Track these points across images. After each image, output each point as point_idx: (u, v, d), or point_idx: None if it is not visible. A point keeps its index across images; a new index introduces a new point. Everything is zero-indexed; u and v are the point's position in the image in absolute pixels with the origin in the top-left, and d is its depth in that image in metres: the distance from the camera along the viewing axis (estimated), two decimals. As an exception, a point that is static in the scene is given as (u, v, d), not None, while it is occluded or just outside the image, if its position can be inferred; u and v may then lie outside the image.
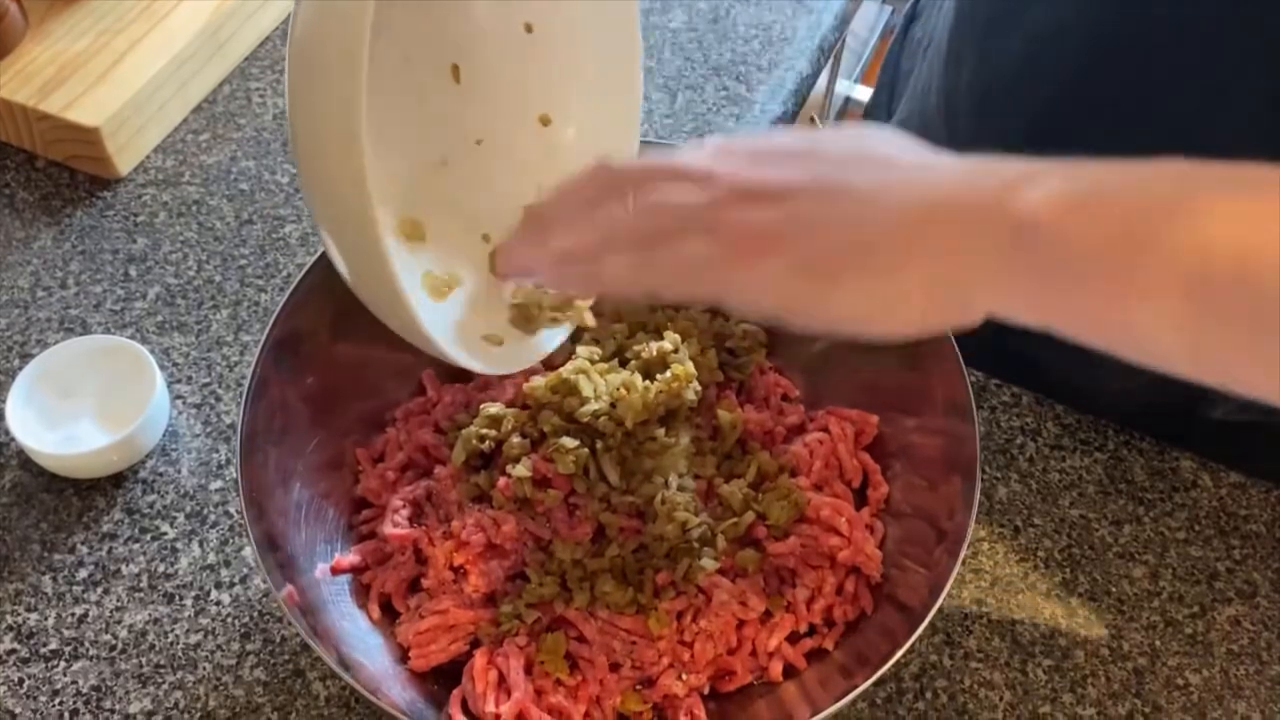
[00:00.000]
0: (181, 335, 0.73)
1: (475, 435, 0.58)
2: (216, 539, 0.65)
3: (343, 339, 0.60)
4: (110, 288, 0.75)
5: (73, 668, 0.60)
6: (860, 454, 0.61)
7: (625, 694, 0.54)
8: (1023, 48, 0.61)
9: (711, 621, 0.54)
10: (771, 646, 0.55)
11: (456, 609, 0.55)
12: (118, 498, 0.66)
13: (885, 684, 0.60)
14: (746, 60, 0.92)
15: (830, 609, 0.56)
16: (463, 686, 0.54)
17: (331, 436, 0.60)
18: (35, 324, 0.73)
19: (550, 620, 0.55)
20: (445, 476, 0.58)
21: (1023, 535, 0.66)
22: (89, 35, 0.83)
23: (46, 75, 0.80)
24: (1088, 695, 0.60)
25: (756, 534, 0.57)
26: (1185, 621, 0.63)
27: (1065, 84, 0.60)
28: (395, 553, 0.57)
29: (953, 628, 0.62)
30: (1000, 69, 0.64)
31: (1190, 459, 0.69)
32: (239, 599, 0.63)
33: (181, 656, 0.61)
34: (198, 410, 0.70)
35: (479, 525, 0.56)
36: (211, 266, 0.77)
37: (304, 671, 0.60)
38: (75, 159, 0.81)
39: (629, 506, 0.55)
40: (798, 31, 0.95)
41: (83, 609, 0.62)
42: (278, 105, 0.87)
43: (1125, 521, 0.66)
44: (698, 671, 0.54)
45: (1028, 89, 0.62)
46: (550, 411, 0.57)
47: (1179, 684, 0.61)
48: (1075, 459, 0.69)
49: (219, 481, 0.67)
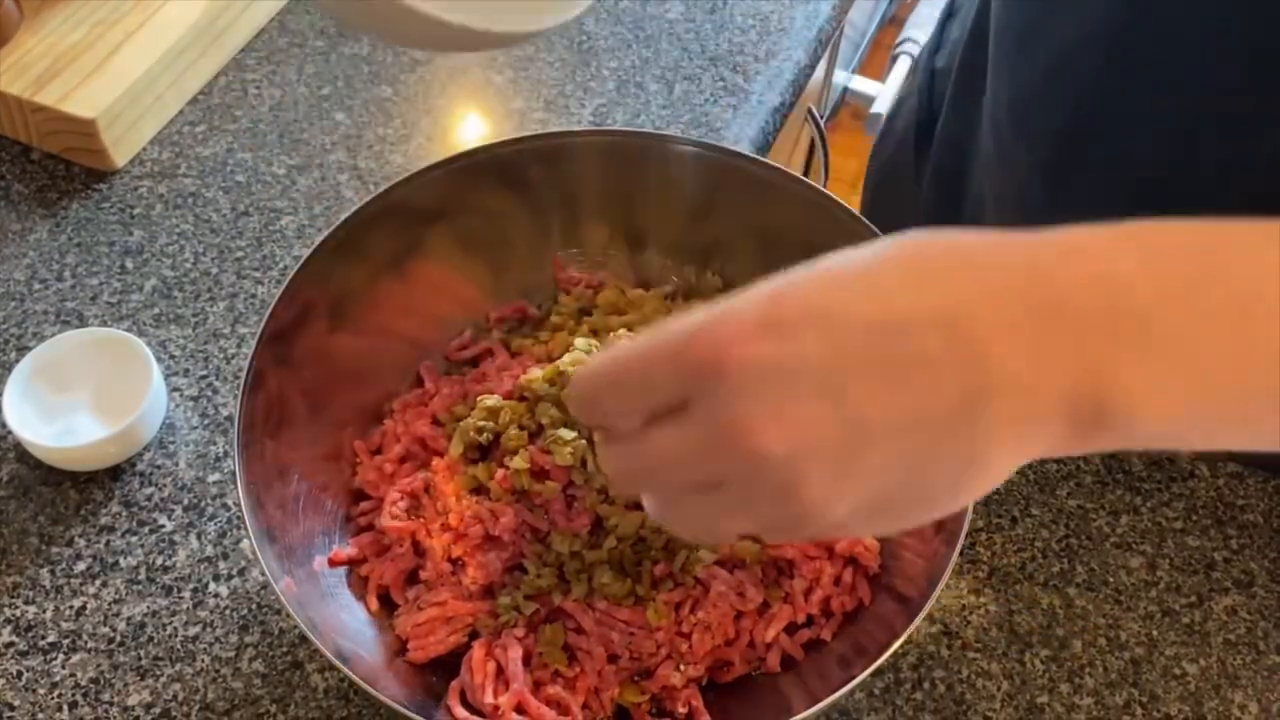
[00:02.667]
0: (178, 328, 0.73)
1: (473, 427, 0.58)
2: (214, 531, 0.65)
3: (340, 331, 0.60)
4: (107, 280, 0.75)
5: (71, 660, 0.60)
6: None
7: (623, 685, 0.54)
8: (1048, 60, 0.60)
9: (709, 613, 0.54)
10: (769, 637, 0.55)
11: (455, 601, 0.55)
12: (115, 490, 0.66)
13: (883, 674, 0.61)
14: (744, 50, 0.92)
15: (828, 600, 0.56)
16: (461, 678, 0.54)
17: (329, 428, 0.60)
18: (31, 317, 0.73)
19: (548, 612, 0.55)
20: (443, 468, 0.58)
21: (1020, 525, 0.66)
22: (84, 27, 0.82)
23: (42, 67, 0.80)
24: (1085, 685, 0.60)
25: (754, 525, 0.57)
26: (1182, 611, 0.63)
27: (1092, 92, 0.58)
28: (393, 545, 0.57)
29: (950, 618, 0.62)
30: (1030, 82, 0.63)
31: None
32: (237, 591, 0.63)
33: (180, 649, 0.61)
34: (195, 403, 0.70)
35: (477, 517, 0.56)
36: (208, 259, 0.77)
37: (302, 663, 0.60)
38: (71, 151, 0.81)
39: (627, 498, 0.55)
40: (795, 21, 0.95)
41: (81, 601, 0.62)
42: (274, 97, 0.86)
43: (1123, 512, 0.66)
44: (696, 662, 0.54)
45: (1053, 100, 0.61)
46: (548, 403, 0.57)
47: (1176, 674, 0.61)
48: (1073, 449, 0.69)
49: (217, 474, 0.67)
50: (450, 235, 0.64)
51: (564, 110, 0.87)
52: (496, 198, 0.64)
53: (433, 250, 0.64)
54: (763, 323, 0.34)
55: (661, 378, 0.36)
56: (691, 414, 0.35)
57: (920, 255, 0.35)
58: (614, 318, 0.63)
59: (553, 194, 0.66)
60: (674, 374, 0.35)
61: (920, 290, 0.34)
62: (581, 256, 0.68)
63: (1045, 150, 0.50)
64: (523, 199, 0.65)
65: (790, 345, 0.33)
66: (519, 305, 0.67)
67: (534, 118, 0.87)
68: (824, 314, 0.34)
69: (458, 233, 0.64)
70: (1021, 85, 0.64)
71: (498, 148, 0.63)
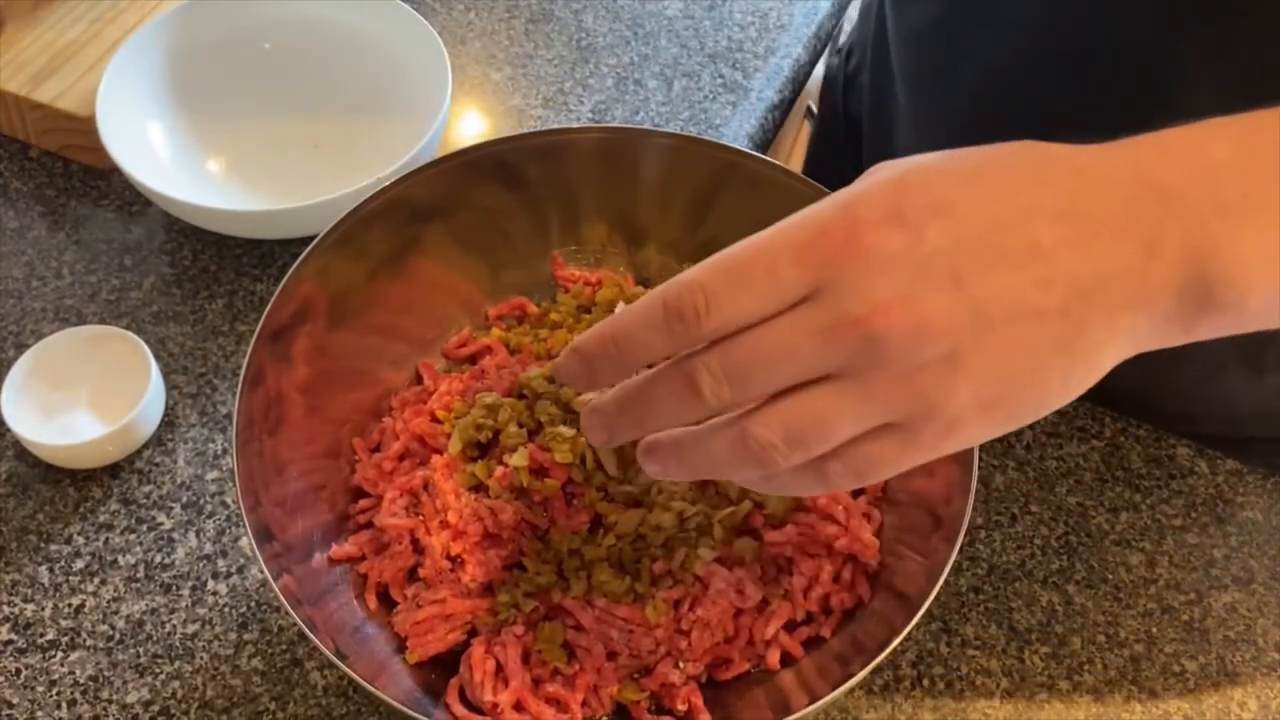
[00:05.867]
0: (177, 325, 0.73)
1: (472, 424, 0.58)
2: (213, 529, 0.65)
3: (339, 328, 0.60)
4: (105, 277, 0.75)
5: (70, 658, 0.60)
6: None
7: (622, 683, 0.54)
8: (973, 89, 0.62)
9: (708, 610, 0.54)
10: (768, 635, 0.55)
11: (454, 598, 0.55)
12: (114, 488, 0.66)
13: (882, 672, 0.61)
14: (743, 47, 0.92)
15: (827, 597, 0.56)
16: (460, 676, 0.54)
17: (328, 426, 0.60)
18: (30, 314, 0.73)
19: (548, 609, 0.55)
20: (442, 466, 0.58)
21: (1020, 523, 0.66)
22: (81, 24, 0.82)
23: (39, 64, 0.79)
24: (1084, 682, 0.60)
25: (754, 523, 0.57)
26: (1182, 608, 0.63)
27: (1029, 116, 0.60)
28: (392, 542, 0.57)
29: (950, 615, 0.62)
30: (959, 111, 0.64)
31: (1187, 446, 0.69)
32: (236, 589, 0.63)
33: (179, 647, 0.61)
34: (194, 400, 0.70)
35: (476, 514, 0.56)
36: (207, 256, 0.77)
37: (301, 661, 0.60)
38: (69, 148, 0.81)
39: (626, 496, 0.55)
40: (794, 18, 0.95)
41: (79, 599, 0.62)
42: (272, 94, 0.86)
43: (1122, 509, 0.66)
44: (695, 660, 0.54)
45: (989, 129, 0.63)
46: (547, 401, 0.57)
47: (1175, 671, 0.61)
48: (1072, 446, 0.69)
49: (215, 471, 0.67)
50: (449, 232, 0.64)
51: (563, 107, 0.87)
52: (495, 195, 0.64)
53: (431, 247, 0.64)
54: (891, 213, 0.35)
55: (788, 269, 0.36)
56: (816, 302, 0.35)
57: (1037, 158, 0.38)
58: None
59: (551, 191, 0.66)
60: (803, 264, 0.35)
61: (1037, 189, 0.36)
62: (580, 253, 0.68)
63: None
64: (521, 196, 0.65)
65: (916, 235, 0.35)
66: (518, 302, 0.67)
67: (533, 115, 0.87)
68: (949, 207, 0.36)
69: (456, 230, 0.64)
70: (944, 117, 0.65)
71: (496, 145, 0.63)
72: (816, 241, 0.36)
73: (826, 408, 0.36)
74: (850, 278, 0.35)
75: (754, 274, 0.36)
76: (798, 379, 0.36)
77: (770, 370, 0.36)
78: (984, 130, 0.40)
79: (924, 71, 0.68)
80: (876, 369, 0.35)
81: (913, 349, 0.35)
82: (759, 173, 0.63)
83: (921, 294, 0.35)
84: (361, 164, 0.72)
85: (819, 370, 0.36)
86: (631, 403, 0.40)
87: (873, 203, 0.36)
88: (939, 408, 0.36)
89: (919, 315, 0.35)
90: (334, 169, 0.79)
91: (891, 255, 0.35)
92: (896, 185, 0.36)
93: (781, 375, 0.36)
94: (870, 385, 0.36)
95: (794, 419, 0.37)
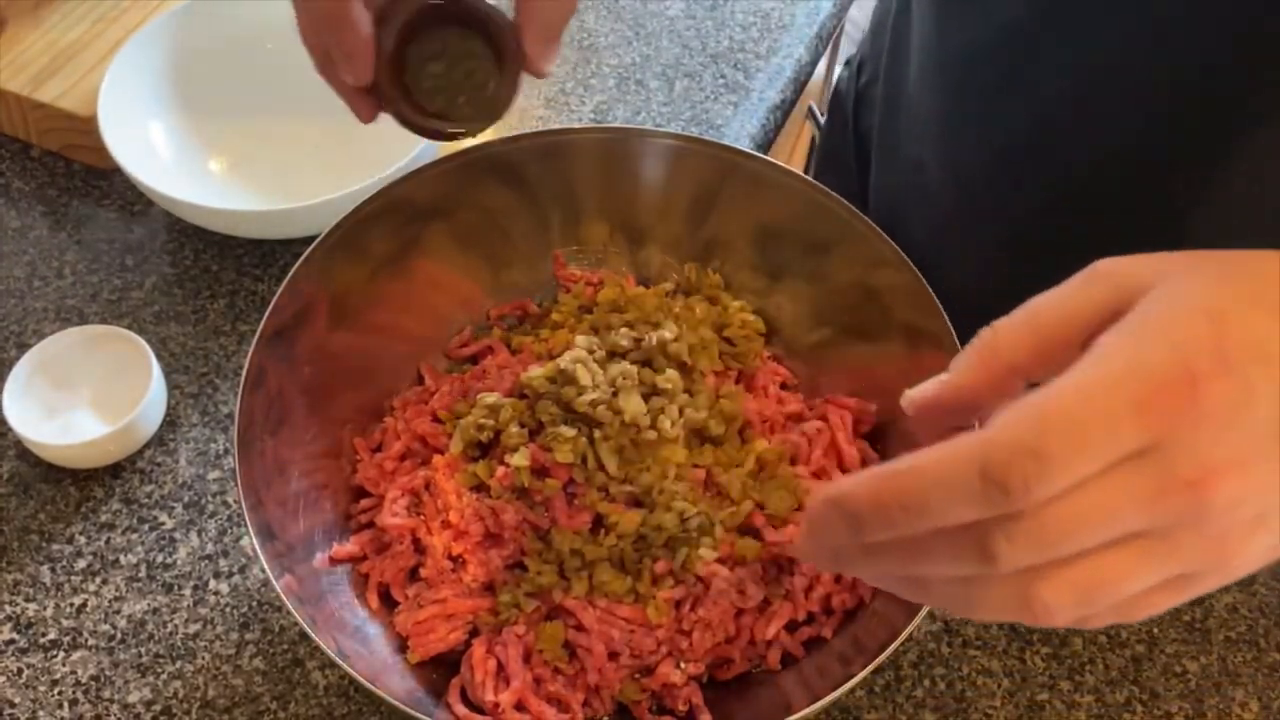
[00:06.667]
0: (178, 325, 0.73)
1: (473, 424, 0.58)
2: (215, 529, 0.65)
3: (340, 328, 0.60)
4: (107, 277, 0.75)
5: (72, 658, 0.60)
6: (858, 442, 0.61)
7: (624, 682, 0.54)
8: (1033, 111, 0.59)
9: (710, 610, 0.54)
10: (770, 635, 0.55)
11: (455, 598, 0.55)
12: (116, 488, 0.66)
13: (883, 672, 0.61)
14: (745, 47, 0.92)
15: (828, 597, 0.56)
16: (462, 675, 0.54)
17: (329, 426, 0.60)
18: (32, 314, 0.73)
19: (549, 609, 0.55)
20: (443, 466, 0.58)
21: (1021, 523, 0.66)
22: (83, 24, 0.82)
23: (40, 64, 0.80)
24: (1085, 683, 0.60)
25: (755, 523, 0.57)
26: (1183, 609, 0.63)
27: (1085, 144, 0.57)
28: (394, 542, 0.57)
29: (950, 615, 0.62)
30: (1013, 133, 0.61)
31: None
32: (237, 589, 0.63)
33: (180, 646, 0.61)
34: (195, 400, 0.70)
35: (477, 514, 0.56)
36: (208, 256, 0.77)
37: (303, 661, 0.60)
38: (70, 148, 0.81)
39: (627, 495, 0.55)
40: (796, 18, 0.95)
41: (81, 599, 0.62)
42: (274, 94, 0.86)
43: (1123, 509, 0.66)
44: (696, 660, 0.54)
45: (1043, 153, 0.60)
46: (548, 401, 0.57)
47: (1177, 671, 0.61)
48: (1073, 447, 0.69)
49: (217, 471, 0.67)
50: (450, 232, 0.64)
51: (564, 107, 0.87)
52: (497, 195, 0.64)
53: (433, 247, 0.64)
54: (1220, 361, 0.32)
55: (1129, 428, 0.32)
56: (1145, 462, 0.32)
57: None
58: (614, 315, 0.62)
59: (553, 191, 0.66)
60: (1143, 422, 0.32)
61: None
62: (582, 254, 0.68)
63: (1038, 204, 0.50)
64: (523, 196, 0.65)
65: (1246, 387, 0.33)
66: (519, 302, 0.67)
67: (534, 115, 0.87)
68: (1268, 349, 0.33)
69: (458, 230, 0.64)
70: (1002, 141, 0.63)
71: (498, 145, 0.63)
72: (1157, 397, 0.32)
73: (1126, 571, 0.33)
74: (1187, 436, 0.32)
75: (1093, 435, 0.32)
76: (1106, 541, 0.33)
77: (1083, 539, 0.33)
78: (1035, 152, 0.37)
79: (969, 91, 0.66)
80: (1187, 529, 0.33)
81: (1233, 512, 0.33)
82: (760, 173, 0.63)
83: (1253, 459, 0.33)
84: (363, 164, 0.72)
85: (1131, 531, 0.33)
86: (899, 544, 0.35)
87: (1202, 348, 0.33)
88: (1232, 562, 0.34)
89: (1250, 481, 0.33)
90: (335, 169, 0.79)
91: (1225, 412, 0.32)
92: (1217, 325, 0.33)
93: (1092, 541, 0.33)
94: (1178, 546, 0.33)
95: (1088, 583, 0.34)
